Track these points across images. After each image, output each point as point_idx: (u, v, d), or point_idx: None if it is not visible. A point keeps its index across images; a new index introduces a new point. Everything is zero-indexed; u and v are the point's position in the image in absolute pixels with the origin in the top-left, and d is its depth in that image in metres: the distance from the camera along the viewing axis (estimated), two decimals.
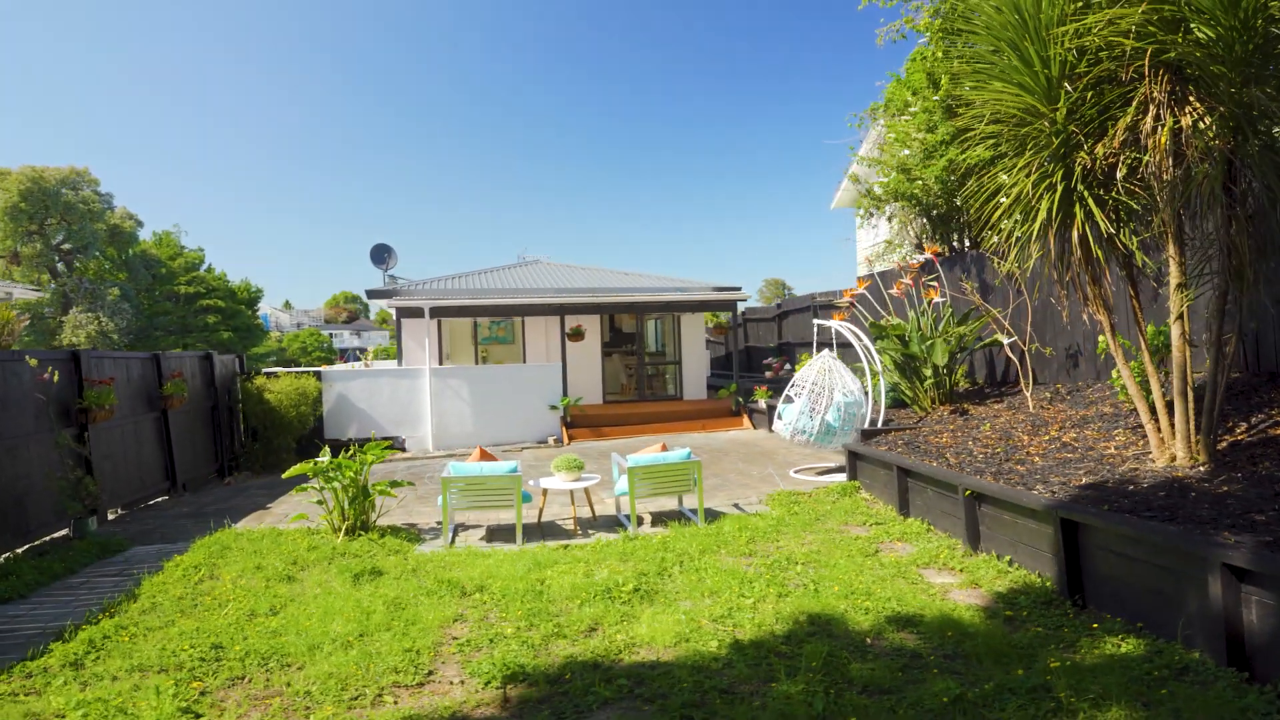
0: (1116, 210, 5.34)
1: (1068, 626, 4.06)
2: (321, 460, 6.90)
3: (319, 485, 6.92)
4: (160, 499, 9.53)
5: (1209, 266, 5.19)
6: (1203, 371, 6.09)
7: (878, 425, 9.01)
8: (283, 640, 4.34)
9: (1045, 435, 6.87)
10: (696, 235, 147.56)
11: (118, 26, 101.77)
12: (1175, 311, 5.06)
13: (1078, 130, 5.11)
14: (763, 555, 5.79)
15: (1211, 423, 5.08)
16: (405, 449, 13.10)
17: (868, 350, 9.44)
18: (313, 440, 12.40)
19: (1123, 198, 5.13)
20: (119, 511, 8.63)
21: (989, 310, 9.72)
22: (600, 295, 14.95)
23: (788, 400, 9.28)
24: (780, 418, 9.06)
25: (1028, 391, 8.56)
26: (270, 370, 12.68)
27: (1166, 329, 6.08)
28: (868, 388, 9.16)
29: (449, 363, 15.89)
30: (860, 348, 9.46)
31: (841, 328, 9.67)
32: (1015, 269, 6.28)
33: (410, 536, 6.97)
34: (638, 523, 7.14)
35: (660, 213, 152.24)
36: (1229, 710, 2.99)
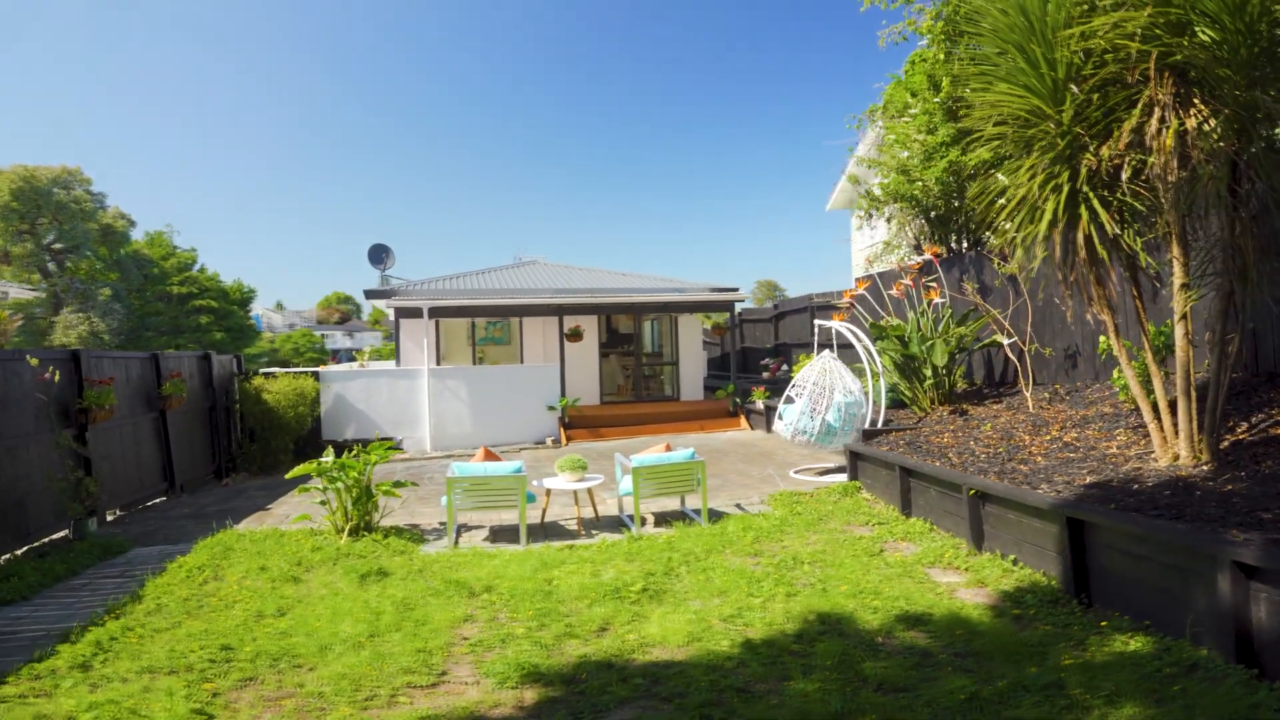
0: (1121, 212, 5.38)
1: (1076, 625, 4.09)
2: (325, 460, 6.90)
3: (323, 485, 6.90)
4: (158, 500, 9.48)
5: (1212, 267, 5.24)
6: (1204, 371, 6.14)
7: (878, 426, 9.04)
8: (292, 641, 4.32)
9: (1047, 435, 6.92)
10: (694, 236, 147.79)
11: (114, 27, 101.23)
12: (1179, 311, 5.11)
13: (1083, 132, 5.15)
14: (769, 555, 5.81)
15: (1214, 422, 5.12)
16: (403, 450, 13.06)
17: (868, 351, 9.47)
18: (310, 441, 12.33)
19: (1127, 199, 5.17)
20: (117, 512, 8.57)
21: (989, 311, 9.77)
22: (598, 296, 14.94)
23: (788, 401, 9.31)
24: (781, 418, 9.09)
25: (1027, 392, 8.61)
26: (268, 370, 12.60)
27: (1168, 329, 6.13)
28: (868, 388, 9.19)
29: (445, 364, 15.84)
30: (860, 348, 9.49)
31: (842, 328, 9.70)
32: (1018, 270, 6.32)
33: (414, 537, 6.96)
34: (641, 523, 7.15)
35: (658, 213, 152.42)
36: (1240, 707, 3.02)
